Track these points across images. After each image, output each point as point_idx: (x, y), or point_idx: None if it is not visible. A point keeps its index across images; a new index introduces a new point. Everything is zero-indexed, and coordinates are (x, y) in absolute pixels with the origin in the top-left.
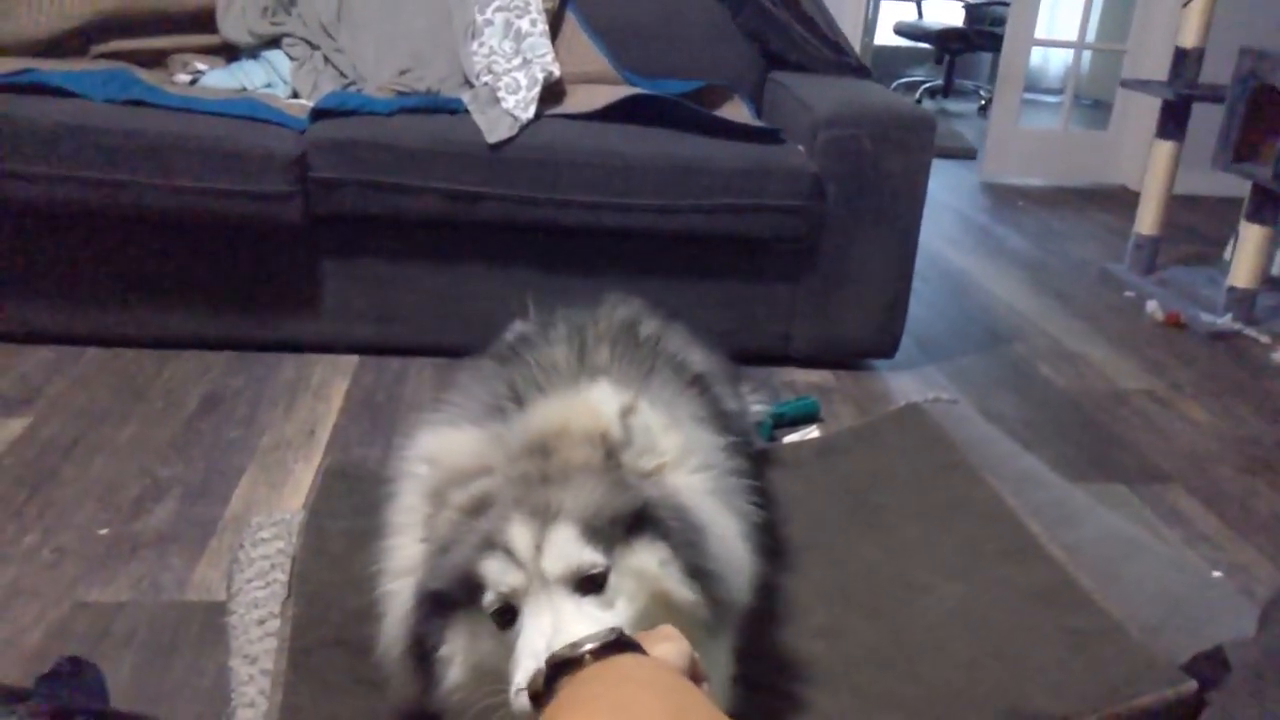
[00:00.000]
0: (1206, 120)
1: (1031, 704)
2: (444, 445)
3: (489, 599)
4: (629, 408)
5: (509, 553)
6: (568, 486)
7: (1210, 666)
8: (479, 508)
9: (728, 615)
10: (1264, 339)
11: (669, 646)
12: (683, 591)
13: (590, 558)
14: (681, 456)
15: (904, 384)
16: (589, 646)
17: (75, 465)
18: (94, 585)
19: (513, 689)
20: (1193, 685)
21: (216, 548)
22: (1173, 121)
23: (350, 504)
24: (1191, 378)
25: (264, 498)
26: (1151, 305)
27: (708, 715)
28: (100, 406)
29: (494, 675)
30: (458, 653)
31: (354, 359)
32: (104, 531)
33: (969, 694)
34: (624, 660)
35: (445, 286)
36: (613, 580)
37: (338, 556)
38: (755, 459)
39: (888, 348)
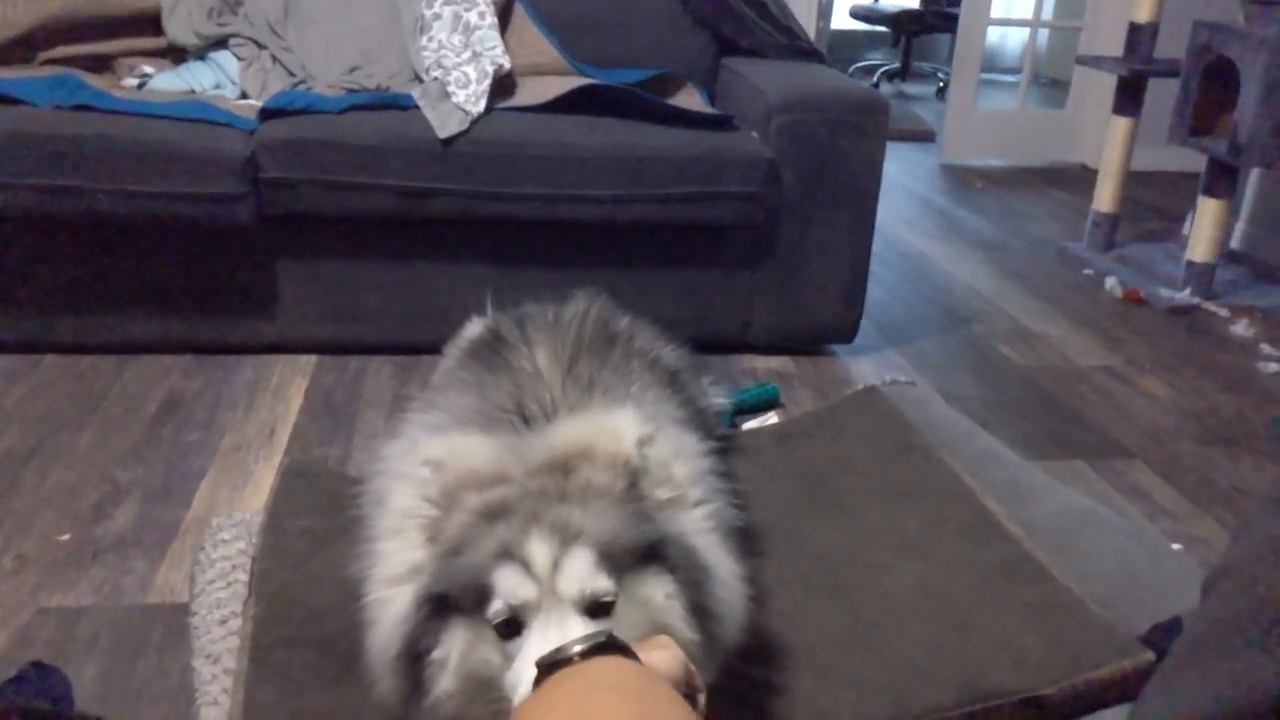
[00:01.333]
0: (1163, 96)
1: (991, 678)
2: (456, 449)
3: (496, 608)
4: (648, 438)
5: (526, 566)
6: (588, 509)
7: (1168, 638)
8: (495, 514)
9: (719, 654)
10: (1223, 313)
11: (662, 655)
12: (682, 627)
13: (604, 585)
14: (688, 489)
15: (863, 368)
16: (578, 648)
17: (35, 473)
18: (56, 591)
19: (515, 701)
20: (1150, 656)
21: (178, 550)
22: (1129, 98)
23: (310, 503)
24: (1151, 353)
25: (225, 499)
26: (1111, 282)
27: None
28: (59, 414)
29: (486, 685)
30: (452, 658)
31: (312, 359)
32: (65, 537)
33: (929, 670)
34: (597, 665)
35: (402, 284)
36: (618, 607)
37: (298, 556)
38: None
39: (847, 332)
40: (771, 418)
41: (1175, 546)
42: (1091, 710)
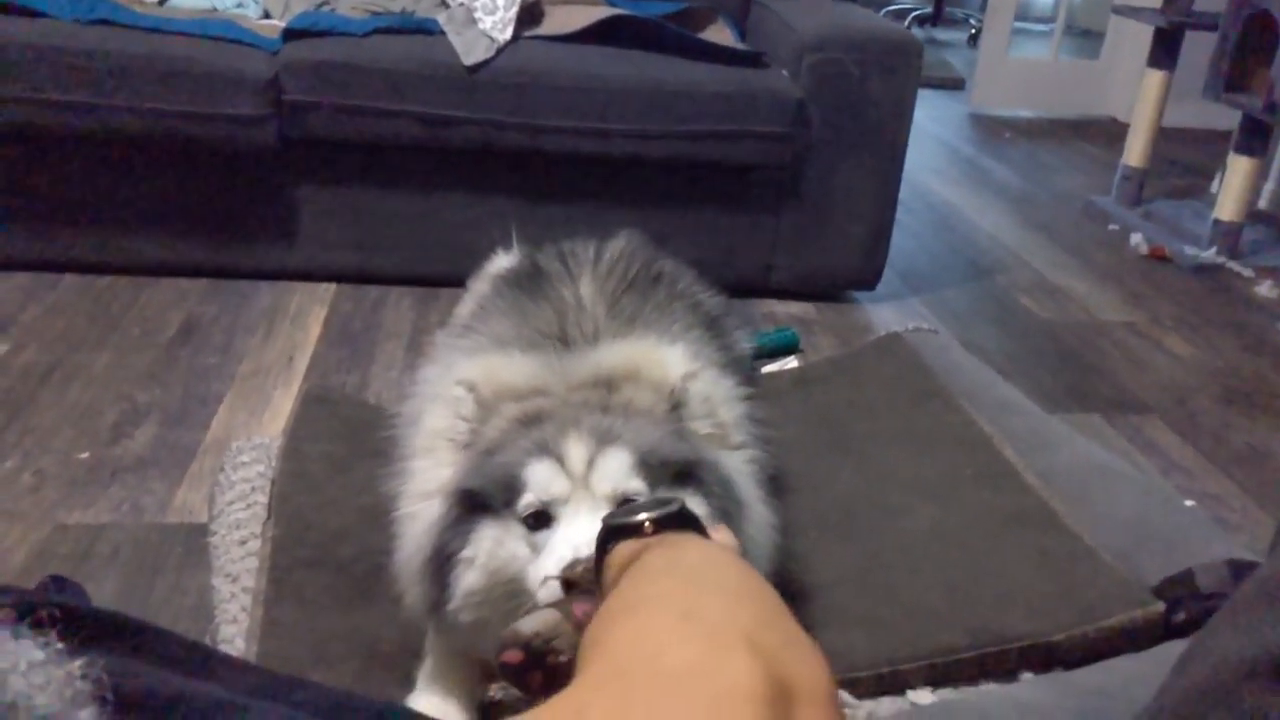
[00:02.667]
0: (1199, 49)
1: (1003, 623)
2: (492, 369)
3: (527, 500)
4: (693, 374)
5: (560, 461)
6: (629, 421)
7: (1179, 589)
8: (534, 420)
9: None
10: (1248, 273)
11: (723, 537)
12: None
13: (637, 485)
14: (730, 431)
15: (885, 316)
16: (646, 514)
17: (53, 391)
18: (75, 508)
19: (540, 578)
20: (1161, 607)
21: (197, 471)
22: (1164, 50)
23: (329, 429)
24: (1173, 311)
25: (243, 423)
26: (1136, 238)
27: (792, 632)
28: (77, 333)
29: (510, 583)
30: (479, 556)
31: (332, 287)
32: (84, 456)
33: (943, 613)
34: (692, 551)
35: (424, 215)
36: None
37: (316, 479)
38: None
39: (870, 279)
40: (791, 363)
41: (1188, 503)
42: (1101, 658)
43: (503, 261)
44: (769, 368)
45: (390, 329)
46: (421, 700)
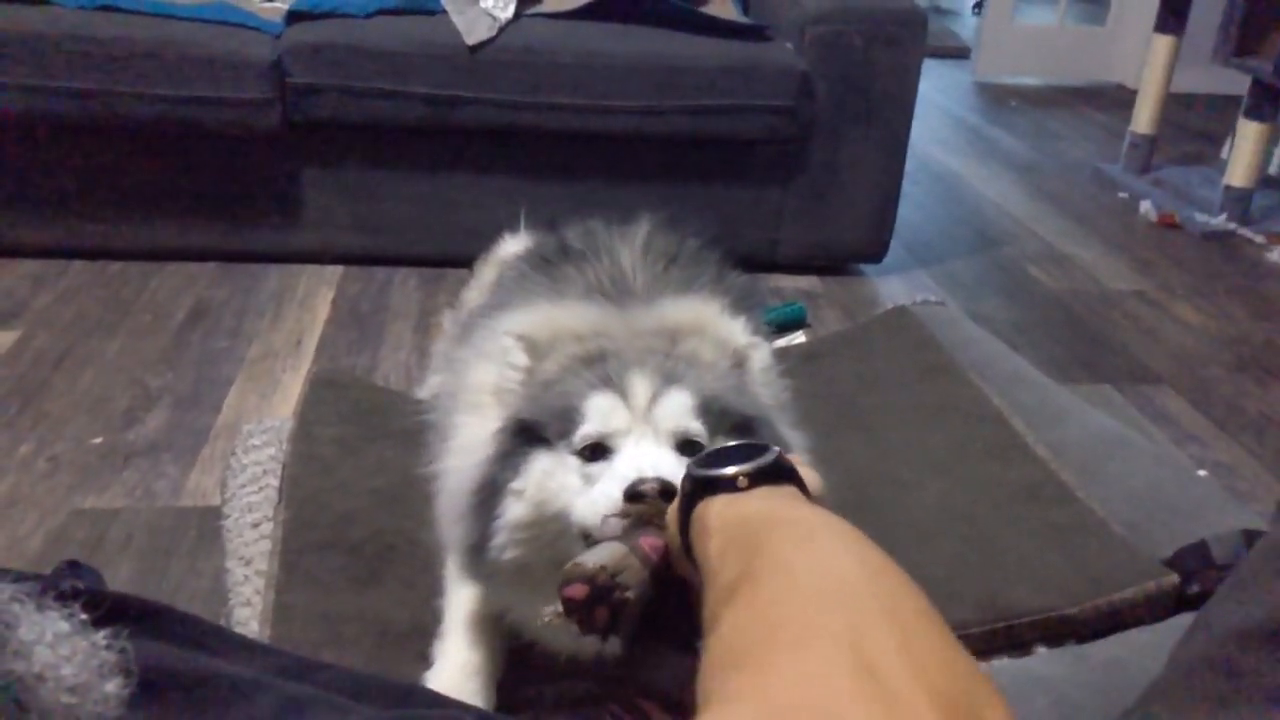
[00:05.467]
0: (1207, 13)
1: (1014, 597)
2: (548, 314)
3: (584, 432)
4: (756, 344)
5: (622, 396)
6: (692, 367)
7: (1193, 560)
8: (595, 359)
9: None
10: (1259, 239)
11: (811, 476)
12: None
13: (698, 428)
14: (785, 407)
15: (892, 288)
16: (741, 467)
17: (66, 377)
18: (90, 493)
19: (592, 510)
20: (1174, 578)
21: (209, 455)
22: (1172, 14)
23: (338, 412)
24: (1184, 279)
25: (254, 406)
26: (1145, 206)
27: (972, 672)
28: (88, 319)
29: (557, 518)
30: (529, 488)
31: (339, 269)
32: (97, 441)
33: (952, 587)
34: (836, 551)
35: (429, 195)
36: None
37: (328, 462)
38: None
39: (876, 252)
40: (799, 337)
41: (1201, 472)
42: (1115, 631)
43: (512, 245)
44: (777, 343)
45: (398, 310)
46: (442, 679)
